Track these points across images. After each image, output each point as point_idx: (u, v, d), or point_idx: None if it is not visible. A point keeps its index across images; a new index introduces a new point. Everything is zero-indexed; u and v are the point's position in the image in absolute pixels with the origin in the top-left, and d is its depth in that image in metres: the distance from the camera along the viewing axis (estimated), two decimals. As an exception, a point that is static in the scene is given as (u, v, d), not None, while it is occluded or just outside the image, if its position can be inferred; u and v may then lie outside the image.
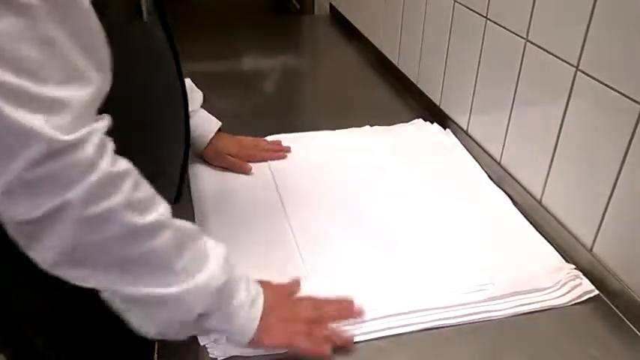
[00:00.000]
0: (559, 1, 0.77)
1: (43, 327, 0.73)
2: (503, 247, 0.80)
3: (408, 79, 1.32)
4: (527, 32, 0.84)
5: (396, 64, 1.39)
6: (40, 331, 0.73)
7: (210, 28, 1.79)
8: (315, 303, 0.66)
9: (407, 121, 1.16)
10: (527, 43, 0.85)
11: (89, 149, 0.47)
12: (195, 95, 0.94)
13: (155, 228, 0.52)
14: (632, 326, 0.68)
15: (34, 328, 0.73)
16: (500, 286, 0.71)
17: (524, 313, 0.69)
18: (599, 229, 0.74)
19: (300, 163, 0.99)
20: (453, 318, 0.67)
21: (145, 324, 0.56)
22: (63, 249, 0.49)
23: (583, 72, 0.73)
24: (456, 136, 1.09)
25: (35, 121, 0.43)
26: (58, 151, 0.45)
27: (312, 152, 1.02)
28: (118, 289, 0.53)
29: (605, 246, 0.73)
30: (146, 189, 0.53)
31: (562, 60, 0.77)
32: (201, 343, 0.62)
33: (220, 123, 0.97)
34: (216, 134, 0.96)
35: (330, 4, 1.95)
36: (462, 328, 0.67)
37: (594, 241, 0.75)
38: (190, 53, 0.98)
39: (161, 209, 0.53)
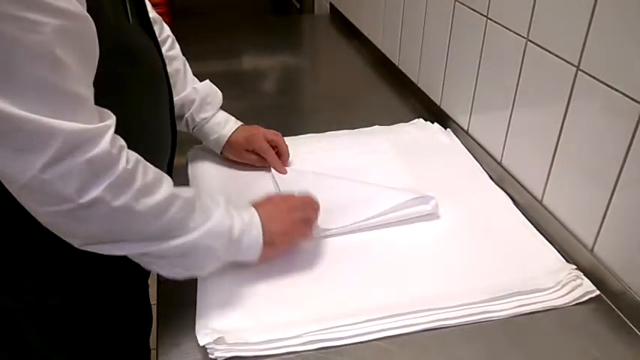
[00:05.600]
0: (560, 1, 0.77)
1: (42, 326, 0.73)
2: (504, 247, 0.79)
3: (409, 79, 1.32)
4: (528, 32, 0.84)
5: (397, 64, 1.39)
6: (40, 330, 0.73)
7: (211, 28, 1.79)
8: (301, 199, 0.78)
9: (407, 121, 1.16)
10: (528, 42, 0.84)
11: (106, 144, 0.54)
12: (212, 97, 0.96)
13: (168, 202, 0.60)
14: (633, 326, 0.68)
15: (34, 327, 0.73)
16: (501, 287, 0.71)
17: (525, 314, 0.69)
18: (600, 230, 0.73)
19: (302, 163, 0.98)
20: (454, 318, 0.67)
21: (171, 271, 0.65)
22: (89, 235, 0.58)
23: (584, 72, 0.73)
24: (457, 136, 1.09)
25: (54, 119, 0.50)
26: (77, 145, 0.52)
27: (313, 153, 1.02)
28: (144, 251, 0.61)
29: (606, 246, 0.73)
30: (152, 170, 0.61)
31: (563, 59, 0.77)
32: (201, 344, 0.62)
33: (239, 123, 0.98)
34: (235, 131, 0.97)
35: (331, 4, 1.95)
36: (463, 329, 0.67)
37: (595, 241, 0.74)
38: (190, 53, 0.98)
39: (167, 183, 0.62)
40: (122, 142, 0.57)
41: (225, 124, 0.97)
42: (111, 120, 0.56)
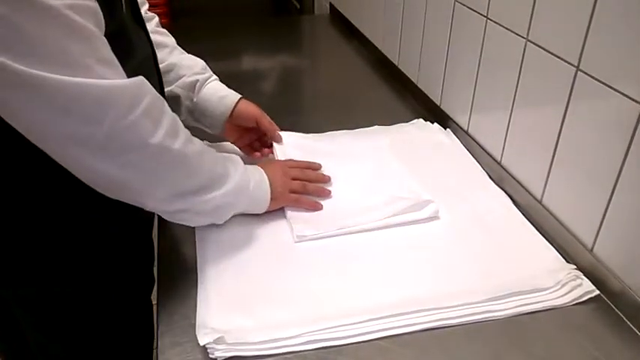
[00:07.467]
0: (559, 1, 0.77)
1: (39, 317, 0.73)
2: (503, 247, 0.80)
3: (408, 79, 1.32)
4: (528, 32, 0.84)
5: (396, 64, 1.39)
6: (36, 321, 0.74)
7: (211, 28, 1.80)
8: (299, 164, 0.91)
9: (407, 121, 1.16)
10: (528, 42, 0.85)
11: (153, 92, 0.60)
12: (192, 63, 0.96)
13: (203, 151, 0.69)
14: (632, 326, 0.68)
15: (30, 318, 0.73)
16: (501, 286, 0.71)
17: (525, 313, 0.69)
18: (599, 229, 0.74)
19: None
20: (454, 318, 0.67)
21: (199, 222, 0.75)
22: (155, 188, 0.64)
23: (583, 72, 0.73)
24: (457, 136, 1.09)
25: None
26: (133, 98, 0.57)
27: (313, 153, 1.02)
28: (188, 207, 0.68)
29: (605, 246, 0.73)
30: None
31: (562, 60, 0.77)
32: (201, 344, 0.62)
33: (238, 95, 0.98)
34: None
35: (330, 4, 1.95)
36: (463, 328, 0.67)
37: (595, 241, 0.75)
38: (190, 53, 0.98)
39: (197, 139, 0.70)
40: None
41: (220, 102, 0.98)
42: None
